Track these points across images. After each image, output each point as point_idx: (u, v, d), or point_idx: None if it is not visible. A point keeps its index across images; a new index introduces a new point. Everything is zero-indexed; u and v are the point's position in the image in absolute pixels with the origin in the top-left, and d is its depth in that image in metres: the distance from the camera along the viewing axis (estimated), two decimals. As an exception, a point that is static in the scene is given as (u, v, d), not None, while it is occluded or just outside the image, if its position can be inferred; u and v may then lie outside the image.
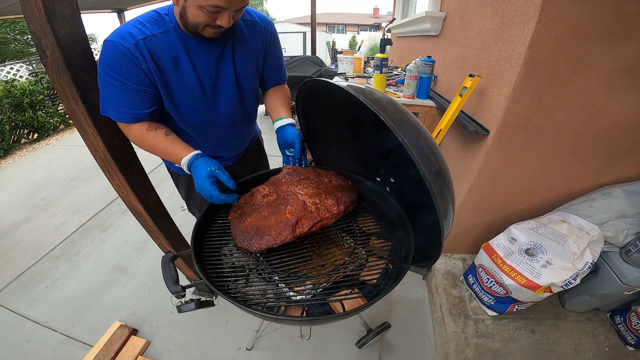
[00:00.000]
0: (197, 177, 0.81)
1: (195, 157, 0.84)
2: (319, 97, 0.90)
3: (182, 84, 0.87)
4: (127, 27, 0.78)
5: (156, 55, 0.80)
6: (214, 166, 0.81)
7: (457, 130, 1.51)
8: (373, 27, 20.26)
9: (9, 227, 2.46)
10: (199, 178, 0.80)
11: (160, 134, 0.88)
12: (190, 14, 0.75)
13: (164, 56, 0.81)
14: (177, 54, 0.83)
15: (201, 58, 0.86)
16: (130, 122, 0.86)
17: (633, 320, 1.18)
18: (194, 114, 0.94)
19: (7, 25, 8.62)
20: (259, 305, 0.72)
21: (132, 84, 0.80)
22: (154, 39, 0.79)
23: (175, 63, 0.83)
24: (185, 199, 1.34)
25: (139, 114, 0.85)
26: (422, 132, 0.59)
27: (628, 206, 1.16)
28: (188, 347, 1.46)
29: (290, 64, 4.36)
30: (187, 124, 0.97)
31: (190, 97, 0.90)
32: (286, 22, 15.21)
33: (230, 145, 1.15)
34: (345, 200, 0.86)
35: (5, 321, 1.64)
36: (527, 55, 0.97)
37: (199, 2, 0.71)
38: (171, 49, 0.81)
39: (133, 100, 0.83)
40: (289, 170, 0.94)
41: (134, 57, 0.76)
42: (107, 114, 0.85)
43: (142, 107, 0.85)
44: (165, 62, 0.82)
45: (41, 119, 4.48)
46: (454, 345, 1.28)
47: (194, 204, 1.33)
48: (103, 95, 0.82)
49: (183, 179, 1.24)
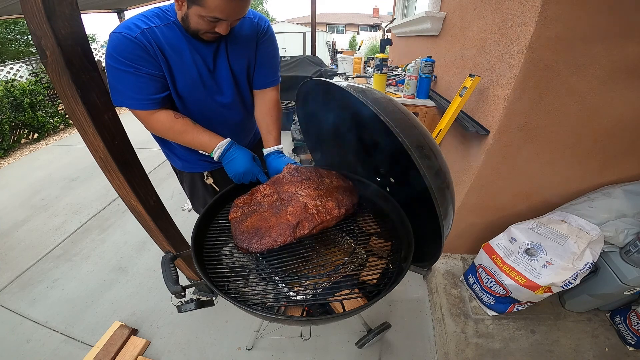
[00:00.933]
0: (241, 159, 0.93)
1: (231, 143, 0.95)
2: (319, 97, 0.90)
3: (183, 74, 0.91)
4: (131, 19, 0.83)
5: (160, 43, 0.84)
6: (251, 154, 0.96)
7: (457, 130, 1.50)
8: (373, 27, 20.26)
9: (9, 227, 2.46)
10: (244, 160, 0.94)
11: (189, 121, 0.95)
12: (191, 21, 0.80)
13: (167, 45, 0.85)
14: (178, 45, 0.87)
15: (200, 52, 0.90)
16: (151, 108, 0.89)
17: (633, 320, 1.18)
18: (194, 104, 0.98)
19: (7, 25, 8.63)
20: (259, 305, 0.72)
21: (146, 69, 0.83)
22: (157, 30, 0.83)
23: (177, 53, 0.87)
24: (190, 196, 1.35)
25: (157, 98, 0.88)
26: (422, 132, 0.59)
27: (628, 206, 1.16)
28: (188, 347, 1.46)
29: (290, 64, 4.36)
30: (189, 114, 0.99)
31: (190, 87, 0.93)
32: (286, 22, 15.21)
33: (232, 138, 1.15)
34: (346, 202, 0.86)
35: (5, 321, 1.64)
36: (527, 55, 0.97)
37: (199, 12, 0.76)
38: (173, 40, 0.86)
39: (149, 86, 0.85)
40: (290, 169, 0.93)
41: (142, 44, 0.80)
42: (124, 105, 0.86)
43: (158, 92, 0.88)
44: (168, 50, 0.85)
45: (41, 119, 4.48)
46: (454, 345, 1.28)
47: (197, 201, 1.34)
48: (117, 86, 0.84)
49: (187, 176, 1.25)
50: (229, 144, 0.95)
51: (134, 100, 0.86)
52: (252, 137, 1.28)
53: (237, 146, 0.97)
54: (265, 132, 1.06)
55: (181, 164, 1.20)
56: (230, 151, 0.95)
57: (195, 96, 0.96)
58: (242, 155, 0.95)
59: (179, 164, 1.20)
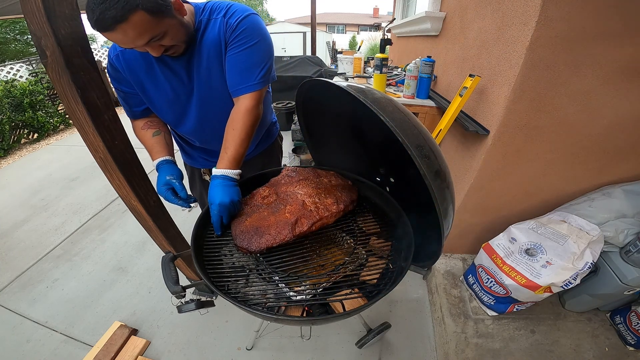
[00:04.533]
0: (157, 181, 0.92)
1: (160, 162, 0.94)
2: (318, 97, 0.90)
3: (157, 91, 0.93)
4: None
5: (132, 65, 0.88)
6: (171, 175, 0.91)
7: (457, 130, 1.51)
8: (373, 27, 20.25)
9: (9, 227, 2.46)
10: (158, 183, 0.91)
11: (149, 134, 0.99)
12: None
13: (139, 66, 0.89)
14: (151, 63, 0.88)
15: (172, 67, 0.89)
16: (133, 117, 1.02)
17: (633, 320, 1.18)
18: (171, 115, 1.00)
19: (7, 25, 8.62)
20: (259, 305, 0.72)
21: (122, 87, 0.94)
22: (127, 51, 0.87)
23: (149, 71, 0.90)
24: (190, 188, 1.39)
25: (135, 111, 0.99)
26: (422, 132, 0.59)
27: (628, 206, 1.16)
28: (188, 347, 1.46)
29: (290, 64, 4.37)
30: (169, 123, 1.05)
31: (165, 102, 0.96)
32: (286, 22, 15.20)
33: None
34: (344, 199, 0.86)
35: (5, 321, 1.64)
36: (527, 55, 0.97)
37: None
38: (145, 59, 0.88)
39: (129, 99, 0.97)
40: (288, 171, 0.94)
41: (117, 66, 0.89)
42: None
43: (136, 105, 0.98)
44: (140, 70, 0.89)
45: (41, 119, 4.48)
46: (454, 345, 1.28)
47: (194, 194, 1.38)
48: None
49: (188, 168, 1.32)
50: (157, 164, 0.94)
51: (125, 109, 1.00)
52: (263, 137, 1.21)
53: (163, 167, 0.92)
54: (222, 149, 0.87)
55: (185, 157, 1.27)
56: (158, 170, 0.93)
57: (173, 109, 0.97)
58: (159, 177, 0.91)
59: (183, 157, 1.28)
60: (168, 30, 0.74)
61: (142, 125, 1.00)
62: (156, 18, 0.69)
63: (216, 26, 0.86)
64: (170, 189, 0.90)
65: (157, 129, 1.00)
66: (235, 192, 0.82)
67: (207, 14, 0.87)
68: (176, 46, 0.81)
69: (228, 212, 0.80)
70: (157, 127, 1.01)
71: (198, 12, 0.87)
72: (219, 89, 0.93)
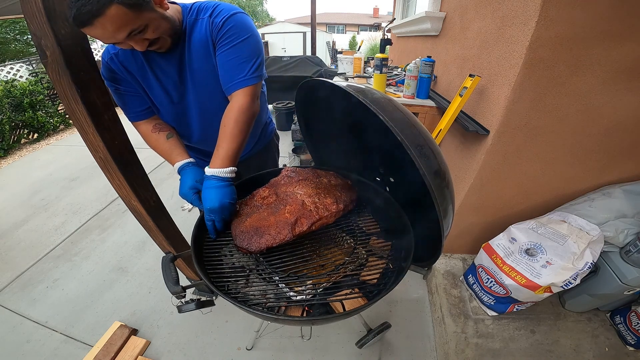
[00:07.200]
0: (182, 184, 0.88)
1: (184, 165, 0.91)
2: (318, 97, 0.90)
3: (152, 91, 0.93)
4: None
5: (127, 66, 0.88)
6: (199, 179, 0.86)
7: (457, 130, 1.51)
8: (373, 27, 20.26)
9: (9, 227, 2.46)
10: (183, 186, 0.87)
11: (162, 137, 0.96)
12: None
13: (133, 67, 0.88)
14: (142, 64, 0.88)
15: (163, 68, 0.89)
16: (135, 120, 0.97)
17: (633, 320, 1.18)
18: (169, 115, 0.99)
19: (7, 25, 8.61)
20: (259, 305, 0.72)
21: (123, 88, 0.91)
22: (122, 53, 0.86)
23: (142, 73, 0.90)
24: None
25: (138, 111, 0.95)
26: (421, 132, 0.59)
27: (628, 206, 1.16)
28: (188, 347, 1.46)
29: (290, 64, 4.37)
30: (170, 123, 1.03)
31: (160, 103, 0.95)
32: (286, 22, 15.22)
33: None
34: (344, 199, 0.86)
35: (5, 321, 1.64)
36: (527, 55, 0.97)
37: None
38: (137, 60, 0.88)
39: (132, 101, 0.94)
40: (287, 172, 0.94)
41: (113, 68, 0.88)
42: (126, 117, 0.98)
43: (140, 105, 0.95)
44: (135, 71, 0.89)
45: (41, 119, 4.48)
46: (454, 345, 1.28)
47: None
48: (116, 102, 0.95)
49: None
50: (181, 167, 0.91)
51: (126, 113, 0.96)
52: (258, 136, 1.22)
53: (188, 169, 0.89)
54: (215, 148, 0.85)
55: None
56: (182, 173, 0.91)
57: (169, 110, 0.97)
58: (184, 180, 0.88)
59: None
60: (149, 24, 0.73)
61: (151, 128, 0.96)
62: (134, 11, 0.68)
63: (203, 26, 0.85)
64: (197, 193, 0.85)
65: (169, 131, 0.98)
66: (227, 194, 0.79)
67: (194, 14, 0.87)
68: (161, 39, 0.79)
69: (219, 215, 0.78)
70: (168, 129, 0.98)
71: (185, 12, 0.87)
72: (215, 91, 0.92)
